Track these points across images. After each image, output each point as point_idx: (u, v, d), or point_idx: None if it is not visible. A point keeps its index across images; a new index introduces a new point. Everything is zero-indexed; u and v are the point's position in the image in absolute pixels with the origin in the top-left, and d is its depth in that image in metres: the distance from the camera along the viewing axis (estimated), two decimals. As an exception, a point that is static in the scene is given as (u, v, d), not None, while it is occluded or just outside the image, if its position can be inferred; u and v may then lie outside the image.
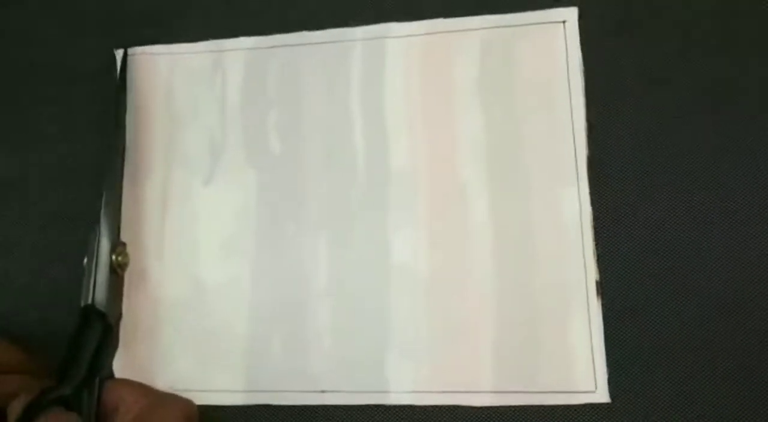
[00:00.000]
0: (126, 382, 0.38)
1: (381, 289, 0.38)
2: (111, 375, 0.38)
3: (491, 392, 0.36)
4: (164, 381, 0.39)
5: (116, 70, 0.43)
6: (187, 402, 0.37)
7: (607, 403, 0.36)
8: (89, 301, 0.37)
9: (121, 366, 0.39)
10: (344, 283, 0.39)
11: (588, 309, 0.37)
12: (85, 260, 0.37)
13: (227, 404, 0.38)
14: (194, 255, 0.40)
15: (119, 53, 0.44)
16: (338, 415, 0.37)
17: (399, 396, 0.37)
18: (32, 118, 0.44)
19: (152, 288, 0.40)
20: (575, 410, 0.36)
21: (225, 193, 0.41)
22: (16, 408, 0.33)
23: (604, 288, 0.37)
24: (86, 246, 0.38)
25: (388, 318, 0.38)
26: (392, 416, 0.37)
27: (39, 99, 0.44)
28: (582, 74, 0.40)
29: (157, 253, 0.41)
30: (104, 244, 0.38)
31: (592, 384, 0.36)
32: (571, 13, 0.41)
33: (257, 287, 0.40)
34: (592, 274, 0.37)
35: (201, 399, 0.38)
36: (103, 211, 0.39)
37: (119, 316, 0.39)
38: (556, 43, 0.40)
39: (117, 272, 0.38)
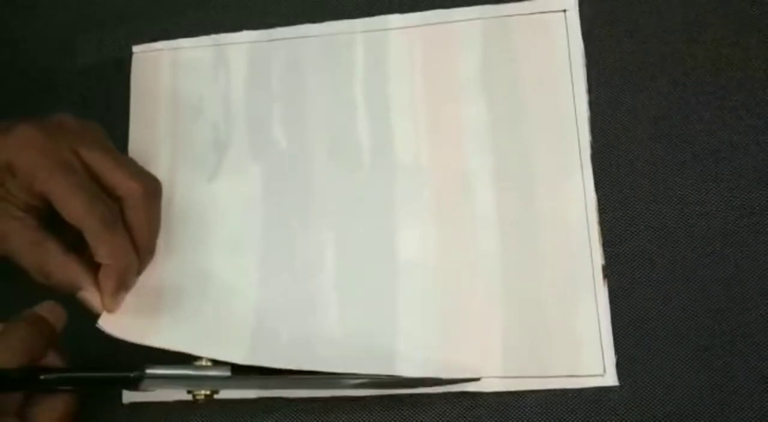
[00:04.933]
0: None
1: (389, 280, 0.39)
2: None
3: (500, 377, 0.37)
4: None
5: (118, 66, 0.44)
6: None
7: (615, 386, 0.36)
8: None
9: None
10: (352, 276, 0.39)
11: (595, 294, 0.37)
12: None
13: (236, 396, 0.38)
14: (201, 251, 0.40)
15: (135, 49, 0.44)
16: (348, 405, 0.37)
17: (409, 383, 0.37)
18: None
19: (158, 283, 0.40)
20: (584, 393, 0.36)
21: (230, 188, 0.41)
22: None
23: (610, 273, 0.37)
24: None
25: (397, 309, 0.38)
26: (402, 404, 0.37)
27: (41, 96, 0.45)
28: (584, 62, 0.40)
29: (164, 249, 0.41)
30: None
31: (600, 367, 0.36)
32: (571, 2, 0.41)
33: (264, 281, 0.40)
34: (598, 260, 0.37)
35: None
36: None
37: None
38: (557, 32, 0.41)
39: None
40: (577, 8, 0.41)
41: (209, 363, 0.35)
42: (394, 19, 0.42)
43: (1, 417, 0.32)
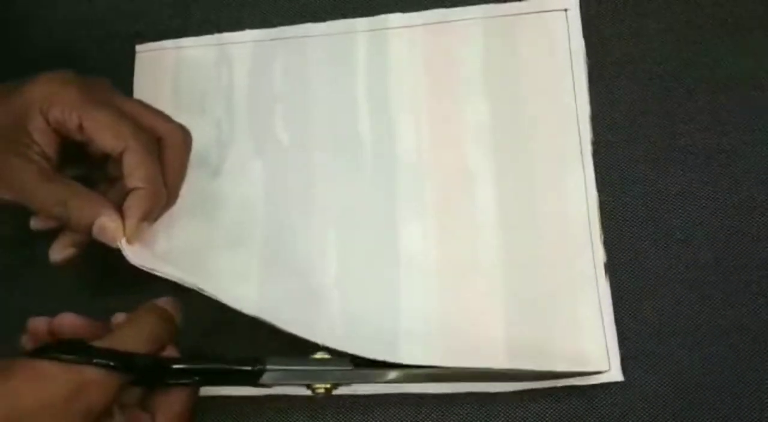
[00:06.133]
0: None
1: (391, 277, 0.39)
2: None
3: (504, 374, 0.36)
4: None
5: (121, 65, 0.44)
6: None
7: (621, 381, 0.36)
8: None
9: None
10: (354, 272, 0.39)
11: (597, 290, 0.37)
12: None
13: (237, 394, 0.38)
14: (203, 247, 0.40)
15: (139, 48, 0.44)
16: (351, 402, 0.37)
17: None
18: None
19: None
20: (589, 389, 0.36)
21: (233, 185, 0.41)
22: None
23: (612, 270, 0.37)
24: None
25: (399, 306, 0.38)
26: (407, 402, 0.37)
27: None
28: (585, 61, 0.40)
29: (167, 245, 0.41)
30: None
31: (605, 363, 0.36)
32: (572, 1, 0.41)
33: (266, 277, 0.39)
34: (600, 257, 0.37)
35: (209, 391, 0.38)
36: None
37: None
38: (558, 30, 0.41)
39: None
40: (578, 7, 0.41)
41: (327, 357, 0.33)
42: (396, 18, 0.43)
43: (125, 409, 0.32)
